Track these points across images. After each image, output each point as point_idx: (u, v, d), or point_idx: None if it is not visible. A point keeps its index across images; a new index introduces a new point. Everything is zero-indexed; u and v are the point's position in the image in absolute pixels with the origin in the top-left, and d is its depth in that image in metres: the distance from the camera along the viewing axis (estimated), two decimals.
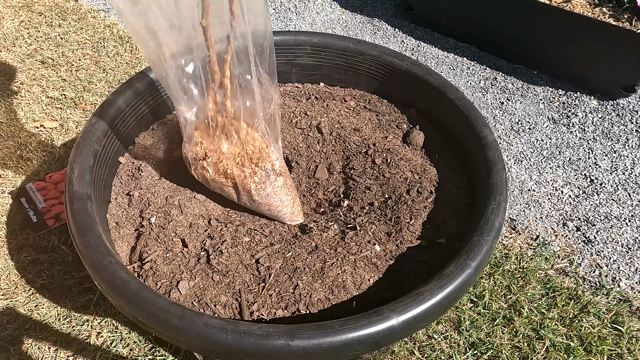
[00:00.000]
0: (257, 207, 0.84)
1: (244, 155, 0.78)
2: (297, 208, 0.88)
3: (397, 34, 1.80)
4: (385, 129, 1.01)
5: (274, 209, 0.84)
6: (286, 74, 1.11)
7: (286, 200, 0.84)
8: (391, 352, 0.95)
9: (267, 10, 0.65)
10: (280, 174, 0.82)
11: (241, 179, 0.79)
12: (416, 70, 1.00)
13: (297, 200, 0.88)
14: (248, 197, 0.82)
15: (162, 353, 0.94)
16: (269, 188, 0.81)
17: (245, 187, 0.80)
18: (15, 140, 1.34)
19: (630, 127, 1.42)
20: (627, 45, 1.37)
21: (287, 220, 0.87)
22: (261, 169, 0.79)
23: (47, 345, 0.95)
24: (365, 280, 0.75)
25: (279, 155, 0.81)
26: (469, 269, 0.68)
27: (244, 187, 0.80)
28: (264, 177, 0.80)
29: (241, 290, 0.74)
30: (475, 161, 0.87)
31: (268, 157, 0.79)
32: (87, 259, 0.68)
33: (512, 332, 0.99)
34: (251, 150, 0.78)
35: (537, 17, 1.49)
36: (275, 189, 0.82)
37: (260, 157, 0.79)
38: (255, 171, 0.79)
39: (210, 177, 0.81)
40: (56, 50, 1.66)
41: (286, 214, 0.85)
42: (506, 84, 1.58)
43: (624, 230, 1.18)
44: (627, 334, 0.99)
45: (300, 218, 0.89)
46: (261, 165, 0.79)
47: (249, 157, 0.78)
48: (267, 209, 0.84)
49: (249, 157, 0.78)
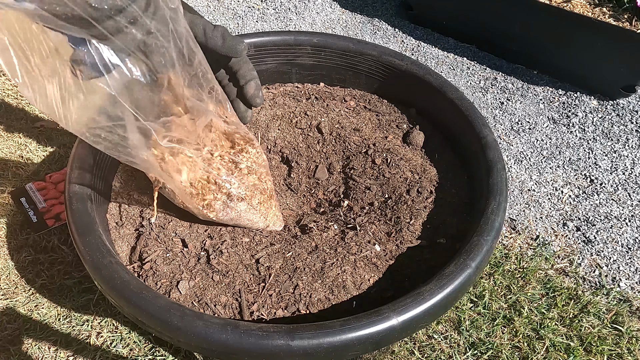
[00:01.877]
0: (226, 223, 0.81)
1: (193, 188, 0.73)
2: (272, 219, 0.84)
3: (397, 34, 1.80)
4: (385, 129, 1.01)
5: (244, 225, 0.81)
6: (286, 74, 1.11)
7: (255, 217, 0.80)
8: (391, 352, 0.95)
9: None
10: (242, 198, 0.76)
11: (199, 210, 0.75)
12: (416, 70, 1.00)
13: (272, 211, 0.84)
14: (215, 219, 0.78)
15: (162, 353, 0.94)
16: (232, 213, 0.77)
17: (206, 216, 0.77)
18: (15, 140, 1.34)
19: (630, 127, 1.42)
20: (627, 45, 1.37)
21: (264, 230, 0.85)
22: (216, 200, 0.75)
23: (47, 345, 0.95)
24: (365, 280, 0.75)
25: (235, 180, 0.75)
26: (469, 269, 0.68)
27: (204, 216, 0.77)
28: (221, 206, 0.75)
29: (241, 290, 0.74)
30: (475, 161, 0.87)
31: (221, 187, 0.74)
32: (87, 259, 0.68)
33: (512, 332, 0.99)
34: (200, 186, 0.73)
35: (537, 17, 1.49)
36: (240, 212, 0.78)
37: (214, 188, 0.74)
38: (211, 203, 0.74)
39: (178, 201, 0.78)
40: None
41: (260, 227, 0.83)
42: (506, 84, 1.58)
43: (624, 230, 1.18)
44: (627, 334, 0.99)
45: (279, 226, 0.86)
46: (215, 197, 0.74)
47: (198, 191, 0.74)
48: (237, 225, 0.81)
49: (197, 190, 0.74)
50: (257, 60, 1.07)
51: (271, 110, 1.03)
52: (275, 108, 1.03)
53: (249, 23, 1.84)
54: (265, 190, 0.82)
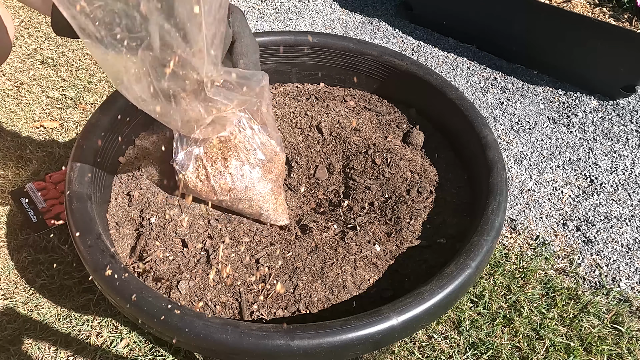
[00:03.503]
0: (237, 204, 0.84)
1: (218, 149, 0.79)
2: (280, 207, 0.86)
3: (397, 34, 1.80)
4: (385, 129, 1.01)
5: (255, 204, 0.83)
6: (286, 74, 1.11)
7: (266, 194, 0.83)
8: (391, 352, 0.95)
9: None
10: (256, 165, 0.82)
11: (216, 180, 0.80)
12: (416, 70, 1.00)
13: (281, 198, 0.87)
14: (227, 193, 0.82)
15: (162, 353, 0.94)
16: (246, 180, 0.81)
17: (221, 188, 0.81)
18: (15, 140, 1.34)
19: (630, 127, 1.42)
20: (627, 45, 1.37)
21: (271, 219, 0.86)
22: (235, 159, 0.80)
23: (47, 345, 0.95)
24: (365, 280, 0.75)
25: (256, 140, 0.81)
26: (469, 269, 0.68)
27: (220, 188, 0.81)
28: (237, 168, 0.80)
29: (241, 290, 0.74)
30: (475, 161, 0.87)
31: (243, 148, 0.80)
32: (87, 259, 0.68)
33: (512, 332, 0.99)
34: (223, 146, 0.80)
35: (537, 17, 1.49)
36: (253, 180, 0.81)
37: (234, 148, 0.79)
38: (229, 163, 0.80)
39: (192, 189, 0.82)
40: (56, 50, 1.66)
41: (268, 211, 0.84)
42: (506, 84, 1.58)
43: (624, 230, 1.18)
44: (627, 334, 0.99)
45: (285, 219, 0.87)
46: (235, 154, 0.80)
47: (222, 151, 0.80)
48: (249, 205, 0.83)
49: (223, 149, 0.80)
50: None
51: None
52: (275, 108, 1.03)
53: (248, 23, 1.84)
54: (279, 174, 0.86)
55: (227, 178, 0.79)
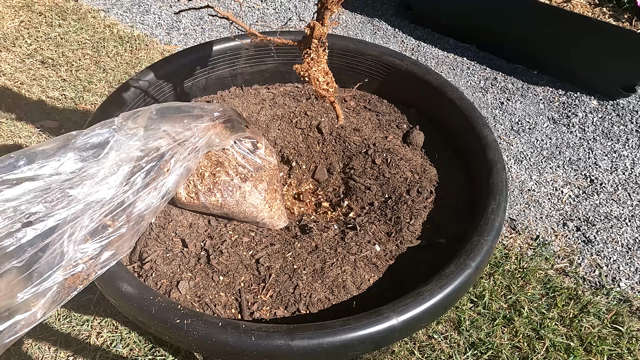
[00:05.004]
0: (231, 215, 0.84)
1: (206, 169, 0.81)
2: (276, 212, 0.86)
3: (397, 34, 1.80)
4: (385, 129, 1.01)
5: (249, 213, 0.83)
6: (286, 74, 1.11)
7: (259, 204, 0.83)
8: (391, 352, 0.95)
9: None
10: (245, 179, 0.81)
11: (206, 197, 0.81)
12: (416, 70, 1.00)
13: (277, 203, 0.86)
14: (219, 207, 0.82)
15: (162, 353, 0.94)
16: (237, 194, 0.81)
17: (212, 203, 0.81)
18: (15, 141, 1.34)
19: (630, 127, 1.43)
20: (627, 45, 1.37)
21: (268, 225, 0.86)
22: (223, 175, 0.81)
23: (47, 345, 0.95)
24: (365, 280, 0.75)
25: (243, 162, 0.82)
26: (469, 269, 0.68)
27: (210, 204, 0.81)
28: (226, 184, 0.81)
29: (241, 290, 0.74)
30: (475, 161, 0.87)
31: (229, 165, 0.81)
32: None
33: (512, 332, 0.99)
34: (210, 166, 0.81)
35: (537, 17, 1.49)
36: (244, 193, 0.81)
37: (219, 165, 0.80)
38: (219, 180, 0.80)
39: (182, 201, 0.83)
40: (56, 50, 1.66)
41: (264, 218, 0.84)
42: (506, 84, 1.58)
43: (624, 230, 1.18)
44: (627, 334, 0.99)
45: (283, 222, 0.87)
46: (221, 172, 0.80)
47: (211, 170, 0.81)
48: (243, 213, 0.83)
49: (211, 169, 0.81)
50: (257, 60, 1.07)
51: (271, 110, 1.03)
52: (275, 108, 1.03)
53: (249, 23, 1.84)
54: (271, 180, 0.85)
55: (217, 195, 0.79)
